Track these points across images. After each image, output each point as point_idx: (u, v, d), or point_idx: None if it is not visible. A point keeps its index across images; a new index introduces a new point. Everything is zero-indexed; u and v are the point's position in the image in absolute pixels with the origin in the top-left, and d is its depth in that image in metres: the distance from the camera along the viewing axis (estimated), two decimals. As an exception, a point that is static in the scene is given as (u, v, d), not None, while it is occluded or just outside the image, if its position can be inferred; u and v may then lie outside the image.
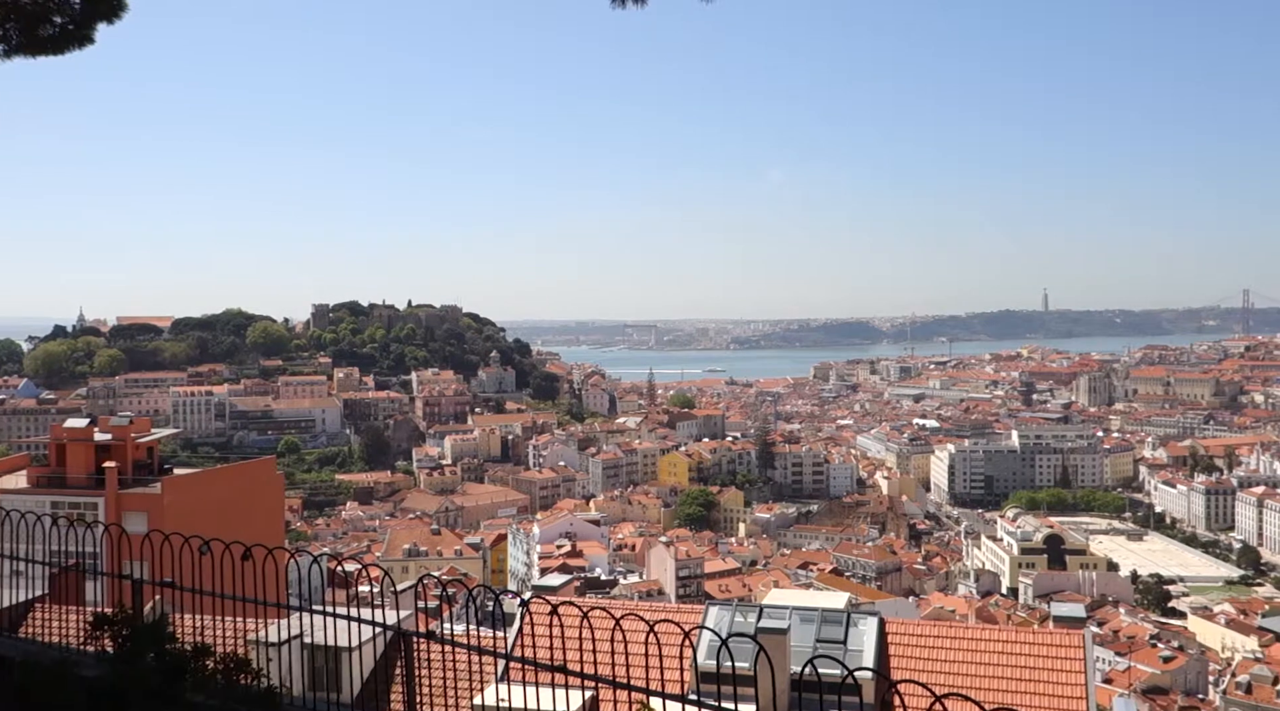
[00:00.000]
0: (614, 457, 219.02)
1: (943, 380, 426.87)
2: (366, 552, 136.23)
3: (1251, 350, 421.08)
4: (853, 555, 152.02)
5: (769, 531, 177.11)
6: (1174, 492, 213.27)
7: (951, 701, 4.67)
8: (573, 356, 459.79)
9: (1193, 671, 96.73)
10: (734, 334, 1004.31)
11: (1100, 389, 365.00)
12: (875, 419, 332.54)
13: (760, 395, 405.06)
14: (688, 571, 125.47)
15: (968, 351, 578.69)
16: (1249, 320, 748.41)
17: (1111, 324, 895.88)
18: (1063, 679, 18.03)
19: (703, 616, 19.89)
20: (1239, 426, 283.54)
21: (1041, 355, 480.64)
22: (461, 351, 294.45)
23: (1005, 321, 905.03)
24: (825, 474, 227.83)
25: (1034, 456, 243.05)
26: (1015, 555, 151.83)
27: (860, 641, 18.93)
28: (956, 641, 19.22)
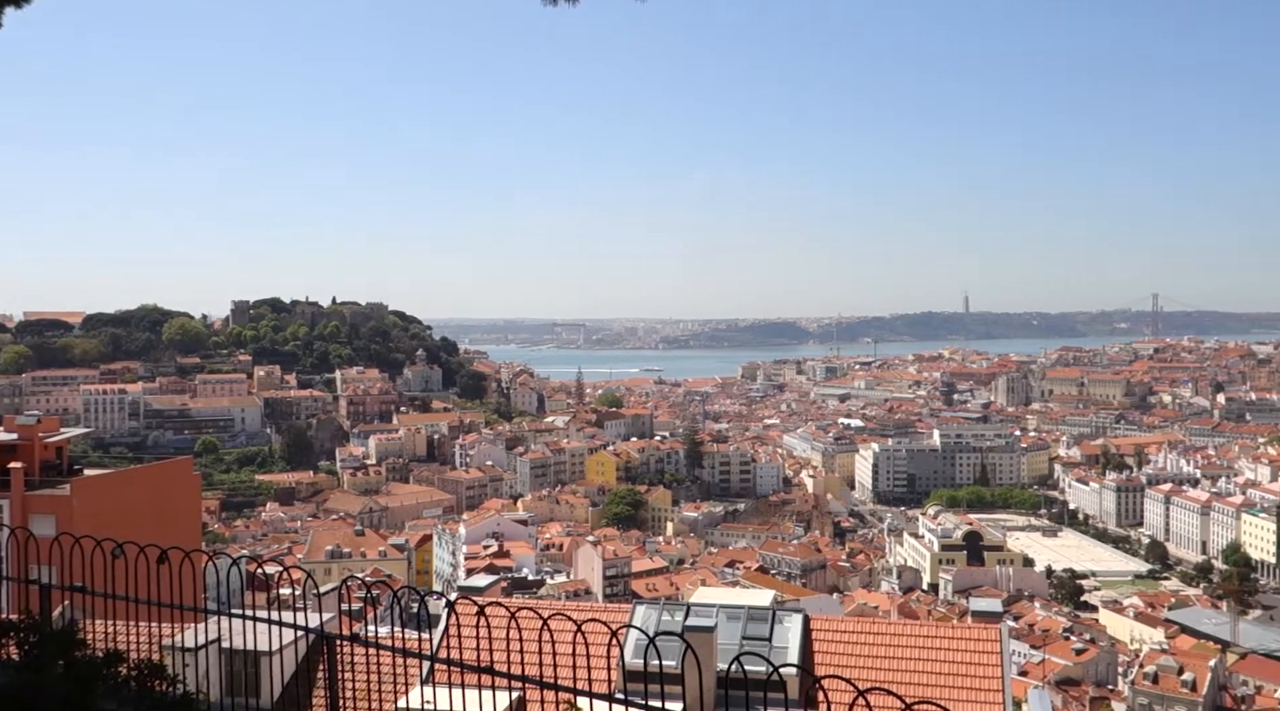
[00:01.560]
0: (542, 457, 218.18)
1: (867, 380, 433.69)
2: (288, 554, 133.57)
3: (1160, 352, 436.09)
4: (778, 553, 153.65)
5: (696, 530, 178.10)
6: (1087, 490, 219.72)
7: (874, 695, 4.74)
8: (501, 355, 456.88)
9: (1103, 663, 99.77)
10: (663, 333, 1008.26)
11: (1018, 389, 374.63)
12: (801, 418, 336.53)
13: (688, 395, 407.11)
14: (615, 571, 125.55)
15: (892, 352, 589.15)
16: (1158, 323, 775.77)
17: (1029, 326, 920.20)
18: (980, 672, 18.44)
19: (630, 615, 19.91)
20: (1148, 426, 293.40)
21: (962, 356, 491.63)
22: (387, 349, 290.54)
23: (928, 323, 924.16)
24: (752, 473, 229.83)
25: (954, 455, 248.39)
26: (936, 552, 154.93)
27: (785, 638, 19.12)
28: (879, 637, 19.53)
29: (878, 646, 19.21)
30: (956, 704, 17.46)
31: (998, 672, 18.48)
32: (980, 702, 17.75)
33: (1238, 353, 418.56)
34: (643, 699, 5.61)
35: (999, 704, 17.90)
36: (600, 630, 7.07)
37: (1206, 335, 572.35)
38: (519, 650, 6.77)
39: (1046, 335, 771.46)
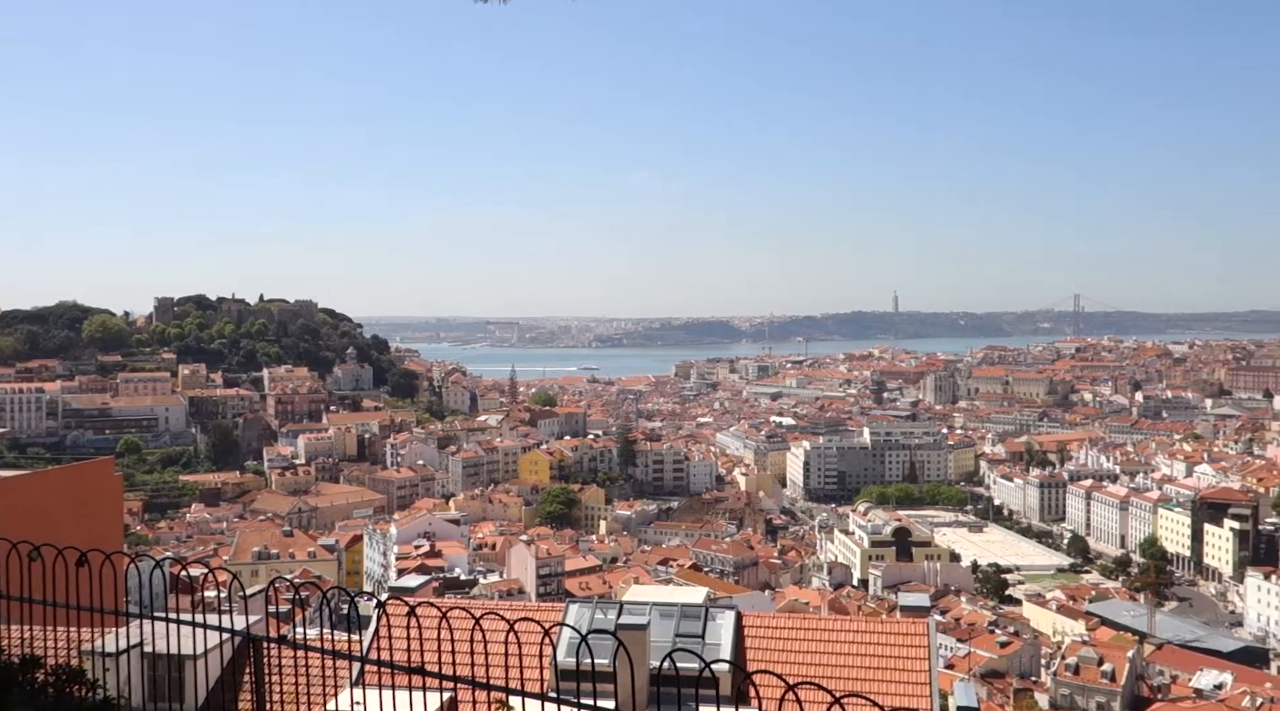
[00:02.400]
0: (474, 456, 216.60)
1: (799, 379, 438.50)
2: (213, 556, 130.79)
3: (1081, 351, 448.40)
4: (711, 550, 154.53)
5: (630, 528, 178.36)
6: (1011, 486, 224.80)
7: (803, 689, 4.81)
8: (433, 353, 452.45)
9: (1027, 655, 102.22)
10: (597, 332, 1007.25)
11: (945, 387, 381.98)
12: (734, 416, 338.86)
13: (622, 393, 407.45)
14: (548, 569, 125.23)
15: (823, 351, 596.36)
16: (1079, 323, 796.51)
17: (956, 325, 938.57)
18: (908, 665, 18.78)
19: (563, 614, 19.89)
20: (1070, 423, 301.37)
21: (892, 355, 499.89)
22: (316, 348, 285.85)
23: (858, 322, 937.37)
24: (685, 471, 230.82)
25: (884, 452, 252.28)
26: (866, 548, 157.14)
27: (718, 635, 19.25)
28: (809, 632, 19.77)
29: (809, 641, 19.45)
30: (885, 697, 17.76)
31: (925, 666, 18.82)
32: (908, 696, 18.07)
33: (1155, 352, 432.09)
34: (575, 697, 5.61)
35: (926, 696, 18.24)
36: (533, 629, 7.05)
37: (1125, 335, 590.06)
38: (450, 650, 6.72)
39: (973, 335, 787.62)
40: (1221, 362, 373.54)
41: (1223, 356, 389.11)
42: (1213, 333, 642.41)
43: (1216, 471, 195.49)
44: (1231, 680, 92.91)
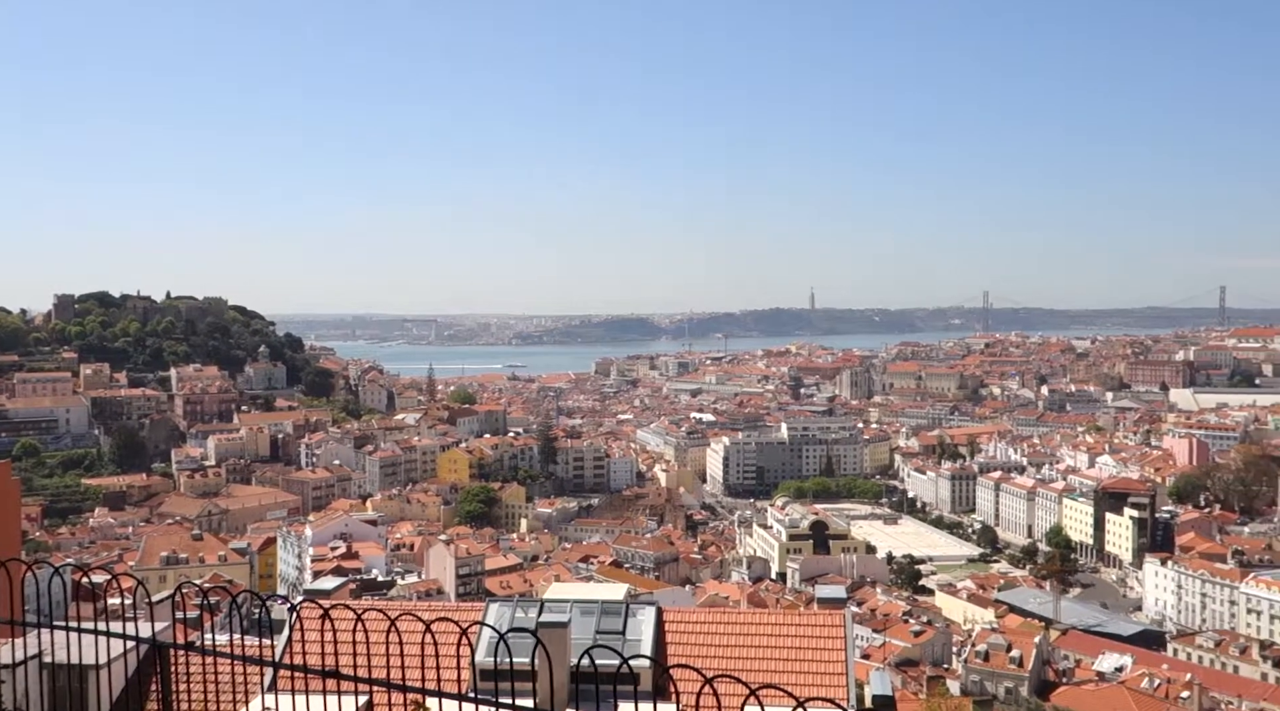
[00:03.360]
0: (392, 455, 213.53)
1: (718, 375, 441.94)
2: (118, 562, 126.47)
3: (990, 347, 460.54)
4: (632, 547, 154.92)
5: (551, 526, 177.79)
6: (924, 479, 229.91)
7: (722, 682, 4.85)
8: (349, 351, 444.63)
9: (939, 643, 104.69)
10: (516, 329, 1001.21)
11: (861, 383, 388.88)
12: (654, 413, 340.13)
13: (542, 391, 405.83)
14: (468, 569, 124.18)
15: (742, 347, 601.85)
16: (988, 319, 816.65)
17: (871, 322, 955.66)
18: (825, 656, 19.07)
19: (483, 613, 19.73)
20: (979, 416, 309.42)
21: (809, 351, 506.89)
22: (227, 346, 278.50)
23: (776, 319, 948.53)
24: (606, 468, 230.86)
25: (801, 447, 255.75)
26: (784, 542, 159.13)
27: (639, 631, 19.30)
28: (729, 626, 19.95)
29: (728, 635, 19.62)
30: (802, 688, 18.01)
31: (841, 656, 19.13)
32: (825, 686, 18.35)
33: (1059, 347, 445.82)
34: (494, 697, 5.57)
35: (842, 686, 18.54)
36: (452, 629, 6.97)
37: (1032, 331, 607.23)
38: (367, 652, 6.61)
39: (887, 331, 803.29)
40: (1121, 357, 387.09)
41: (1122, 351, 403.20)
42: (1113, 328, 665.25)
43: (1117, 462, 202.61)
44: (1131, 662, 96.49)
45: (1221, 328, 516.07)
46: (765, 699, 4.72)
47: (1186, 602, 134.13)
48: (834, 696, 18.02)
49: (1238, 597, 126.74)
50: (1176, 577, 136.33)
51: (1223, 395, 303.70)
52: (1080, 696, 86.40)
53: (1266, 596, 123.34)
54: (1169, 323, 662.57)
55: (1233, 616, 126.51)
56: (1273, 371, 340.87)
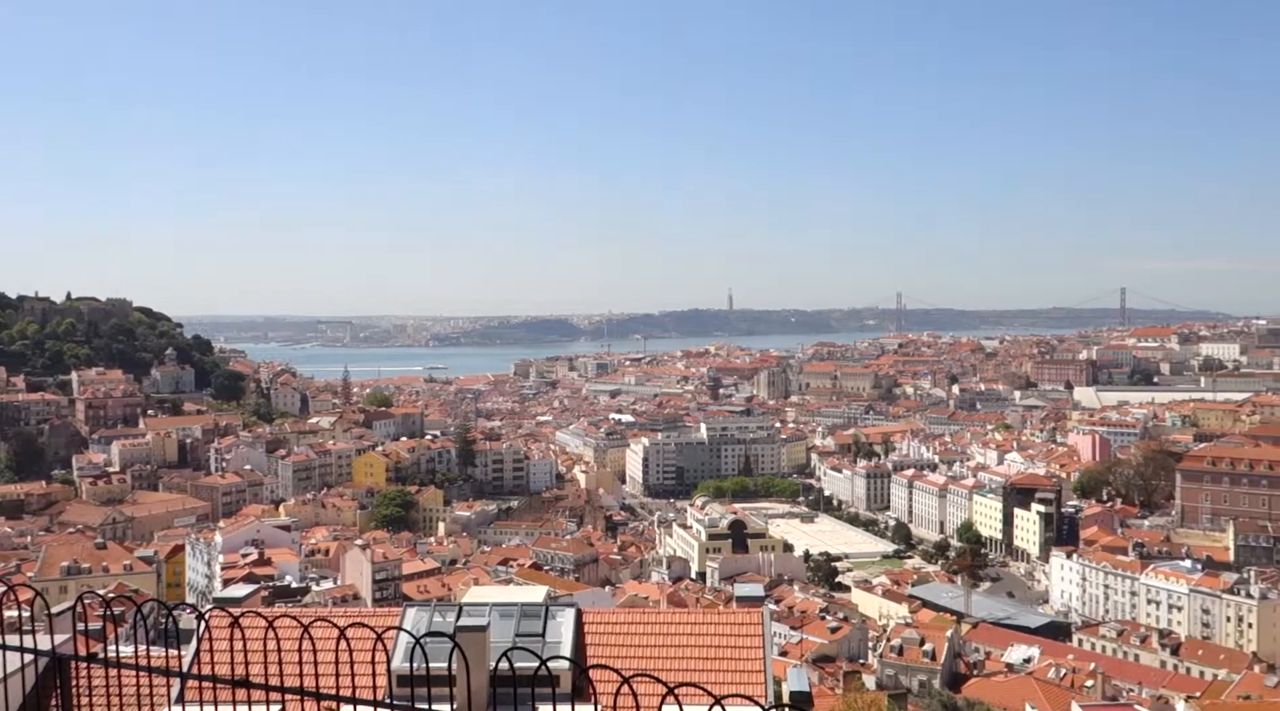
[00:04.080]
0: (306, 459, 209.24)
1: (638, 376, 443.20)
2: (16, 572, 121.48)
3: (903, 347, 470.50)
4: (551, 549, 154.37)
5: (469, 529, 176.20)
6: (840, 477, 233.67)
7: (640, 681, 4.85)
8: (260, 354, 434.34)
9: (855, 639, 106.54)
10: (434, 330, 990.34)
11: (778, 383, 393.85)
12: (574, 414, 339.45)
13: (460, 392, 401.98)
14: (385, 574, 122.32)
15: (661, 348, 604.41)
16: (901, 320, 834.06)
17: (788, 323, 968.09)
18: (744, 654, 19.25)
19: (400, 618, 19.46)
20: (893, 415, 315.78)
21: (727, 352, 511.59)
22: (132, 349, 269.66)
23: (695, 320, 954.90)
24: (525, 470, 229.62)
25: (720, 447, 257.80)
26: (703, 541, 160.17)
27: (558, 633, 19.23)
28: (648, 626, 20.01)
29: (647, 635, 19.67)
30: (720, 686, 18.14)
31: (759, 654, 19.33)
32: (743, 683, 18.52)
33: (969, 347, 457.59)
34: (411, 702, 5.49)
35: (761, 683, 18.73)
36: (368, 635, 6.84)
37: (943, 331, 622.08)
38: (278, 661, 6.45)
39: (804, 331, 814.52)
40: (1028, 356, 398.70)
41: (1029, 351, 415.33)
42: (1020, 328, 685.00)
43: (1024, 459, 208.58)
44: (1038, 653, 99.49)
45: (1122, 328, 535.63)
46: (684, 697, 4.74)
47: (1090, 594, 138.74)
48: (752, 693, 18.18)
49: (1138, 589, 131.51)
50: (1081, 570, 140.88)
51: (1123, 393, 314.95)
52: (990, 688, 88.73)
53: (1165, 587, 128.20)
54: (1073, 323, 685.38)
55: (1133, 607, 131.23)
56: (1170, 370, 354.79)
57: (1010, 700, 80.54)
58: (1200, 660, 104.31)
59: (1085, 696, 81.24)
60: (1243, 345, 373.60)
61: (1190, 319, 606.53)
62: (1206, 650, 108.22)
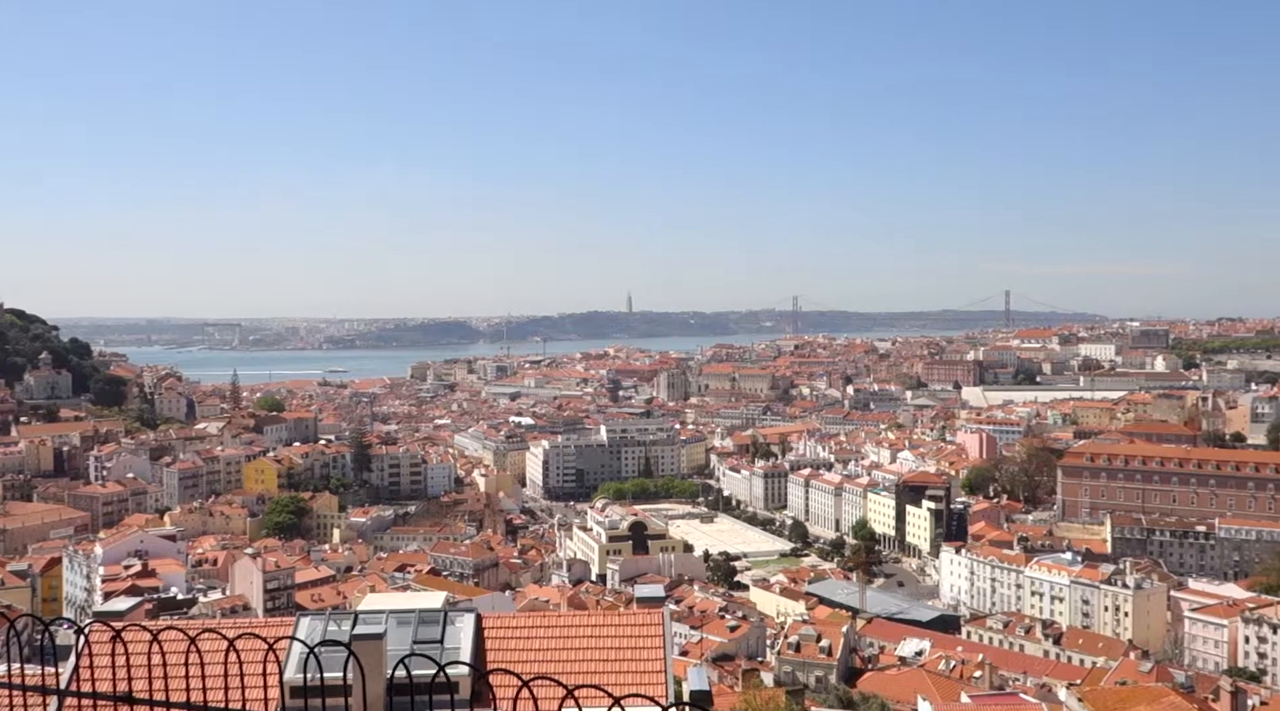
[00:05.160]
0: (192, 466, 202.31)
1: (537, 379, 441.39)
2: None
3: (800, 349, 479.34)
4: (450, 554, 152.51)
5: (365, 536, 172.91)
6: (738, 477, 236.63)
7: (540, 685, 4.82)
8: (143, 357, 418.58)
9: (754, 637, 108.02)
10: (327, 333, 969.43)
11: (678, 384, 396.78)
12: (473, 417, 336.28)
13: (356, 396, 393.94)
14: (277, 583, 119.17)
15: (560, 350, 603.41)
16: (798, 322, 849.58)
17: (687, 325, 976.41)
18: (645, 655, 19.32)
19: (293, 628, 18.96)
20: (790, 416, 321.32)
21: (627, 354, 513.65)
22: (3, 353, 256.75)
23: (594, 322, 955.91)
24: (423, 474, 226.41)
25: (620, 449, 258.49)
26: (604, 543, 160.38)
27: (457, 639, 18.99)
28: (549, 629, 19.93)
29: (548, 639, 19.59)
30: (621, 686, 18.17)
31: (660, 654, 19.43)
32: (643, 684, 18.58)
33: (863, 348, 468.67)
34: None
35: (661, 683, 18.82)
36: (260, 646, 6.65)
37: (838, 333, 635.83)
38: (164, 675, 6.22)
39: (703, 333, 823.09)
40: (919, 357, 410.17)
41: (920, 352, 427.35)
42: (911, 330, 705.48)
43: (916, 457, 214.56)
44: (929, 646, 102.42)
45: (1007, 329, 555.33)
46: (584, 699, 4.73)
47: (978, 587, 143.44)
48: (653, 693, 18.27)
49: (1023, 581, 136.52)
50: (969, 564, 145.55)
51: (1008, 392, 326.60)
52: (884, 681, 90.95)
53: (1047, 579, 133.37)
54: (961, 325, 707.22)
55: (1019, 599, 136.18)
56: (1051, 370, 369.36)
57: (903, 693, 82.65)
58: (1080, 648, 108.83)
59: (974, 687, 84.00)
60: (1118, 346, 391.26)
61: (1070, 321, 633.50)
62: (1086, 638, 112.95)
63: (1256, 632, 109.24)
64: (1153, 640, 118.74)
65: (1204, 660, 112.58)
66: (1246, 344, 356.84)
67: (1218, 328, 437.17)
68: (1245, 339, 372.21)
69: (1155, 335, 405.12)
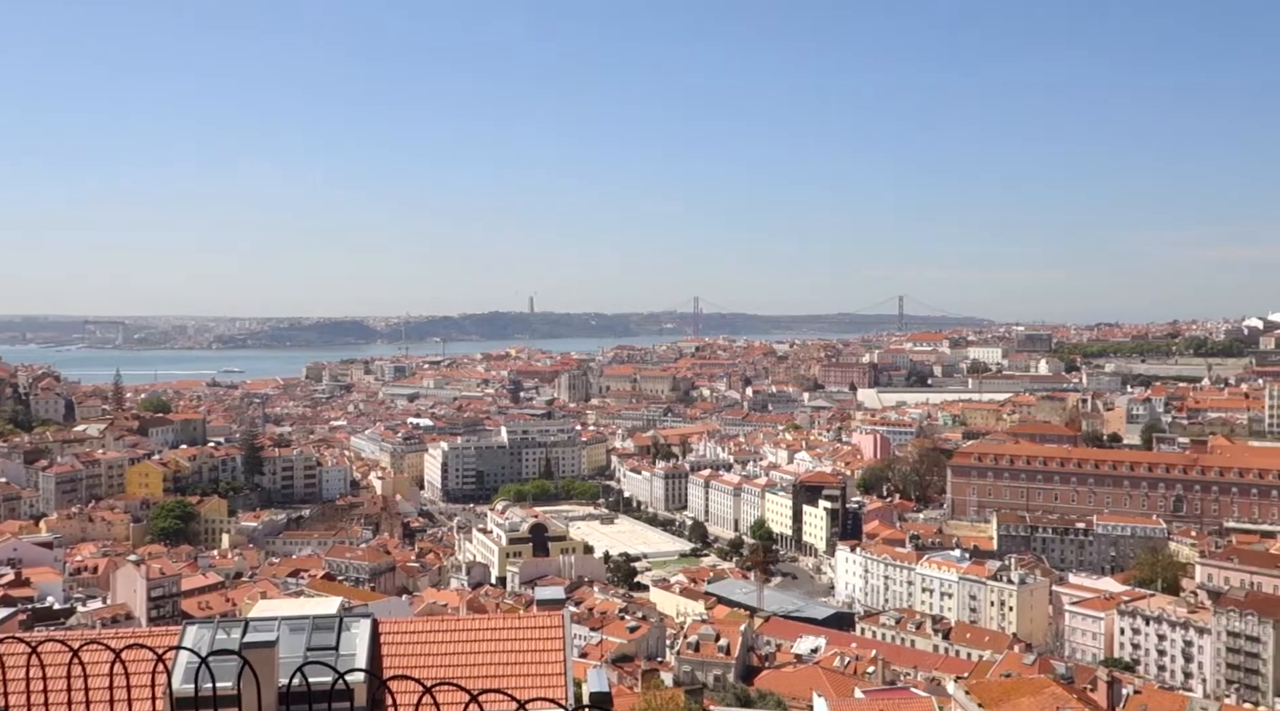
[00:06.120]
0: (71, 470, 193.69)
1: (437, 379, 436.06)
2: None
3: (700, 350, 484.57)
4: (346, 558, 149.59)
5: (256, 540, 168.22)
6: (639, 478, 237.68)
7: (441, 690, 4.78)
8: (18, 356, 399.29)
9: (654, 637, 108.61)
10: (217, 332, 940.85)
11: (579, 385, 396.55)
12: (370, 419, 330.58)
13: (247, 397, 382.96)
14: (162, 591, 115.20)
15: (460, 351, 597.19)
16: (698, 324, 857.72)
17: (588, 326, 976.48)
18: (544, 657, 19.27)
19: (179, 637, 18.33)
20: (690, 417, 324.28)
21: (528, 355, 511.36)
22: None
23: (495, 322, 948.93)
24: (318, 477, 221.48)
25: (521, 450, 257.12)
26: (504, 546, 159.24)
27: (353, 645, 18.63)
28: (447, 634, 19.71)
29: (446, 643, 19.38)
30: (521, 690, 18.10)
31: (560, 656, 19.39)
32: (543, 687, 18.53)
33: (762, 350, 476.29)
34: (193, 725, 5.20)
35: (561, 686, 18.80)
36: (144, 657, 6.43)
37: (738, 335, 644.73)
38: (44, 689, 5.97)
39: (604, 334, 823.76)
40: (816, 360, 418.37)
41: (817, 354, 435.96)
42: (809, 333, 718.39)
43: (812, 458, 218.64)
44: (825, 644, 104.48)
45: (900, 333, 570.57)
46: (486, 703, 4.71)
47: (872, 585, 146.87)
48: (553, 696, 18.24)
49: (914, 578, 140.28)
50: (863, 563, 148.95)
51: (901, 394, 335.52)
52: (780, 678, 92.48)
53: (937, 575, 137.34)
54: (857, 328, 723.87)
55: (910, 595, 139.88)
56: (942, 372, 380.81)
57: (799, 690, 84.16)
58: (968, 642, 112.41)
59: (867, 682, 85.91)
60: (1004, 349, 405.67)
61: (959, 325, 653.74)
62: (973, 633, 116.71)
63: (1131, 624, 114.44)
64: (1035, 633, 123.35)
65: (1083, 651, 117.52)
66: (1123, 348, 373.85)
67: (1096, 332, 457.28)
68: (1122, 343, 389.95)
69: (1039, 339, 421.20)
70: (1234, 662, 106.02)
